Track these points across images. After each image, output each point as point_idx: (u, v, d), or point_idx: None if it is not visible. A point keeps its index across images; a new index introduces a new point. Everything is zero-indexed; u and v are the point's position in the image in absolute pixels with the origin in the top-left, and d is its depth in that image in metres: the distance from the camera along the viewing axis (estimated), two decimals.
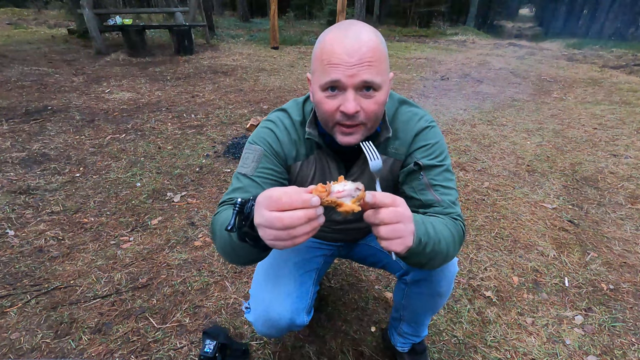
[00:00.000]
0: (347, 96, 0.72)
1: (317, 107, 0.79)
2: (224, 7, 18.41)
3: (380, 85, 0.73)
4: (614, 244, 2.00)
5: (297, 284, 1.00)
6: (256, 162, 0.87)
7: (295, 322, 0.96)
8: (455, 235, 0.79)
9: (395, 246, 0.60)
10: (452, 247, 0.78)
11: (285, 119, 0.92)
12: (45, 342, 1.34)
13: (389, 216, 0.58)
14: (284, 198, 0.53)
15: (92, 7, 6.23)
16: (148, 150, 2.93)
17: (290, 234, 0.53)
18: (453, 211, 0.84)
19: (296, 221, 0.52)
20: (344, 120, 0.75)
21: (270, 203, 0.54)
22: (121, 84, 4.80)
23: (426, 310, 1.10)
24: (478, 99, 4.85)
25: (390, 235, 0.59)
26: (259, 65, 6.40)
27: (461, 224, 0.84)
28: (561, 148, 3.29)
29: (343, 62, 0.70)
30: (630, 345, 1.40)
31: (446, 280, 0.98)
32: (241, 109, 4.07)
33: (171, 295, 1.57)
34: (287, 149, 0.91)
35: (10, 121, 3.32)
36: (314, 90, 0.79)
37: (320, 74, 0.74)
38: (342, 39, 0.71)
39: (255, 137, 0.91)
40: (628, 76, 6.61)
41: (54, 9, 13.38)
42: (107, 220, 2.06)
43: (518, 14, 33.78)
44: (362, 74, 0.70)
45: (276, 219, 0.53)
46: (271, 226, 0.54)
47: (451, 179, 0.88)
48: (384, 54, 0.74)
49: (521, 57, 8.56)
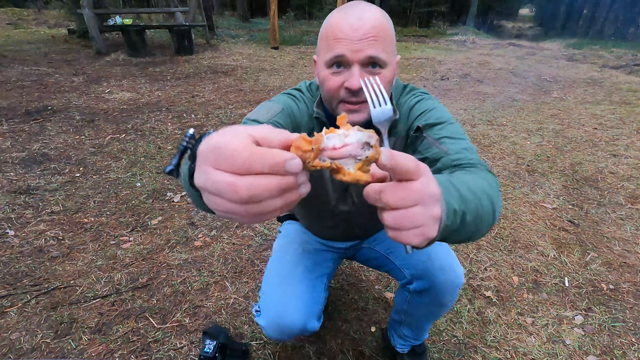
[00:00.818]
0: (352, 71, 0.71)
1: (321, 85, 0.78)
2: (224, 7, 18.41)
3: (386, 62, 0.72)
4: (614, 244, 2.00)
5: (309, 289, 0.98)
6: (271, 114, 0.79)
7: (307, 328, 0.95)
8: (491, 184, 0.60)
9: (408, 238, 0.40)
10: (495, 199, 0.57)
11: (305, 93, 0.91)
12: (45, 342, 1.34)
13: (396, 198, 0.38)
14: (244, 154, 0.31)
15: (92, 7, 6.23)
16: (148, 150, 2.93)
17: (250, 210, 0.32)
18: (469, 158, 0.67)
19: (261, 192, 0.32)
20: (348, 97, 0.73)
21: (220, 158, 0.32)
22: (121, 84, 4.80)
23: (427, 317, 1.10)
24: (478, 99, 4.85)
25: (399, 225, 0.39)
26: (259, 65, 6.40)
27: (488, 171, 0.66)
28: (561, 148, 3.29)
29: (348, 36, 0.69)
30: (630, 345, 1.40)
31: (450, 292, 0.96)
32: (241, 109, 4.07)
33: (171, 295, 1.57)
34: (304, 121, 0.87)
35: (10, 121, 3.32)
36: (319, 70, 0.78)
37: (325, 50, 0.73)
38: (348, 16, 0.71)
39: (275, 99, 0.87)
40: (628, 76, 6.60)
41: (54, 9, 13.37)
42: (107, 220, 2.06)
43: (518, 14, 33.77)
44: (367, 48, 0.69)
45: (228, 186, 0.32)
46: (219, 194, 0.33)
47: (459, 130, 0.76)
48: (389, 32, 0.73)
49: (521, 57, 8.56)
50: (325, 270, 1.09)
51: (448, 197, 0.46)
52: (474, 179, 0.57)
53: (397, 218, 0.39)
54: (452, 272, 0.94)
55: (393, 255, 1.09)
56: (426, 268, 0.96)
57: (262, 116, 0.78)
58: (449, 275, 0.94)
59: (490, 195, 0.56)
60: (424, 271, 0.96)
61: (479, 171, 0.64)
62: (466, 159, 0.67)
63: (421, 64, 7.16)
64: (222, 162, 0.32)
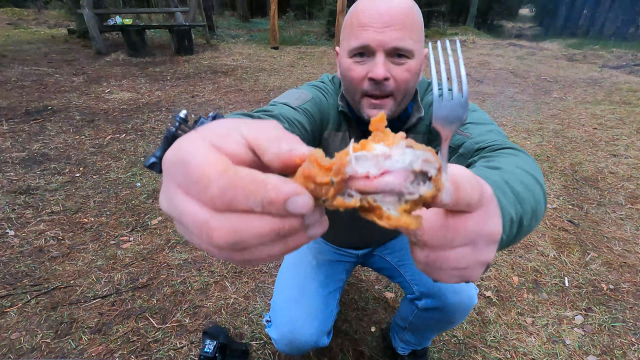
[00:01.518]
0: (376, 60, 0.66)
1: (343, 76, 0.72)
2: (224, 7, 18.41)
3: (413, 52, 0.66)
4: (614, 244, 2.00)
5: (322, 306, 0.96)
6: (302, 100, 0.75)
7: (318, 345, 0.94)
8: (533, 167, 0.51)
9: (441, 277, 0.30)
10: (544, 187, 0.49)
11: (329, 85, 0.85)
12: (45, 342, 1.34)
13: (438, 237, 0.27)
14: (220, 182, 0.20)
15: (92, 7, 6.23)
16: (148, 151, 2.93)
17: (234, 257, 0.22)
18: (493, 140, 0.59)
19: (248, 239, 0.21)
20: (372, 89, 0.68)
21: (188, 181, 0.21)
22: (121, 84, 4.80)
23: (434, 330, 1.09)
24: (478, 99, 4.85)
25: (434, 265, 0.29)
26: (259, 65, 6.40)
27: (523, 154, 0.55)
28: (561, 148, 3.29)
29: (373, 22, 0.64)
30: (630, 345, 1.40)
31: (461, 312, 0.92)
32: (241, 109, 4.07)
33: (171, 295, 1.57)
34: (332, 115, 0.82)
35: (10, 121, 3.32)
36: (341, 59, 0.73)
37: (348, 38, 0.68)
38: (375, 1, 0.66)
39: (304, 87, 0.82)
40: (628, 76, 6.60)
41: (54, 9, 13.37)
42: (107, 220, 2.06)
43: (518, 14, 33.77)
44: (393, 36, 0.64)
45: (199, 226, 0.21)
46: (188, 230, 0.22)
47: (484, 116, 0.70)
48: (418, 20, 0.68)
49: (521, 57, 8.56)
50: (338, 285, 1.06)
51: (505, 202, 0.38)
52: (515, 169, 0.48)
53: (435, 260, 0.28)
54: (465, 294, 0.90)
55: (403, 269, 1.05)
56: (438, 288, 0.92)
57: (292, 101, 0.71)
58: (462, 297, 0.90)
59: (541, 183, 0.48)
60: (435, 291, 0.92)
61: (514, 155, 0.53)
62: (491, 141, 0.59)
63: None
64: (191, 187, 0.21)
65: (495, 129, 0.65)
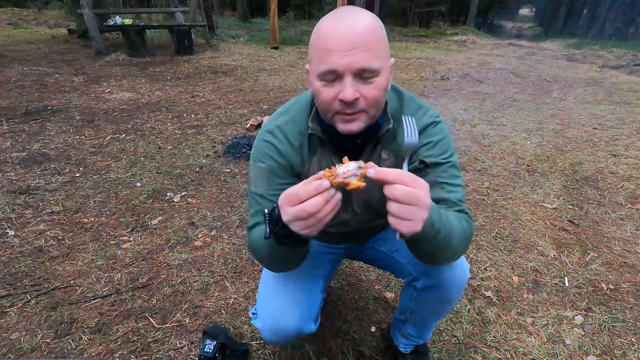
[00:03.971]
0: (345, 83, 0.69)
1: (315, 97, 0.76)
2: (224, 7, 18.41)
3: (380, 70, 0.70)
4: (614, 244, 2.00)
5: (305, 293, 0.98)
6: (266, 180, 0.86)
7: (304, 331, 0.96)
8: (466, 231, 0.79)
9: (401, 227, 0.60)
10: (462, 244, 0.78)
11: (285, 126, 0.88)
12: (45, 342, 1.34)
13: (403, 195, 0.58)
14: (300, 192, 0.60)
15: (92, 7, 6.23)
16: (148, 150, 2.93)
17: (317, 217, 0.60)
18: (460, 209, 0.83)
19: (317, 206, 0.59)
20: (343, 109, 0.72)
21: (291, 200, 0.61)
22: (121, 84, 4.80)
23: (434, 315, 1.10)
24: (478, 99, 4.85)
25: (399, 214, 0.59)
26: (259, 65, 6.40)
27: (470, 221, 0.83)
28: (561, 148, 3.29)
29: (339, 47, 0.67)
30: (630, 345, 1.40)
31: (457, 287, 0.96)
32: (241, 108, 4.07)
33: (171, 295, 1.57)
34: (292, 159, 0.88)
35: (10, 121, 3.32)
36: (311, 80, 0.75)
37: (316, 62, 0.71)
38: (338, 24, 0.68)
39: (258, 154, 0.88)
40: (628, 76, 6.61)
41: (54, 9, 13.38)
42: (107, 220, 2.06)
43: (518, 14, 33.76)
44: (359, 58, 0.67)
45: (300, 210, 0.59)
46: (298, 218, 0.60)
47: (458, 175, 0.87)
48: (382, 38, 0.71)
49: (521, 57, 8.56)
50: (322, 272, 1.09)
51: (434, 213, 0.65)
52: (456, 220, 0.76)
53: (399, 209, 0.59)
54: (459, 269, 0.95)
55: (398, 254, 1.09)
56: (432, 266, 0.96)
57: (262, 189, 0.86)
58: (456, 271, 0.94)
59: (459, 239, 0.75)
60: (430, 268, 0.96)
61: (464, 223, 0.80)
62: (462, 211, 0.83)
63: (421, 64, 7.16)
64: (292, 200, 0.61)
65: (462, 196, 0.85)
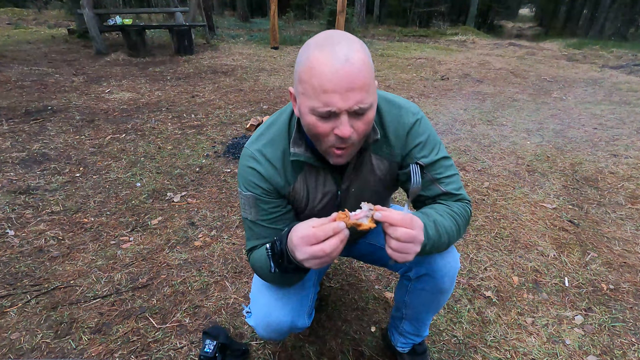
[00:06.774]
0: (341, 120, 0.70)
1: (308, 130, 0.75)
2: (224, 7, 18.42)
3: (372, 104, 0.72)
4: (614, 244, 2.00)
5: (297, 287, 0.99)
6: (254, 208, 0.89)
7: (297, 325, 0.97)
8: (460, 221, 0.88)
9: (397, 258, 0.71)
10: (454, 236, 0.87)
11: (266, 149, 0.87)
12: (45, 342, 1.34)
13: (403, 236, 0.69)
14: (319, 233, 0.66)
15: (92, 7, 6.23)
16: (148, 150, 2.93)
17: (331, 255, 0.67)
18: (460, 197, 0.92)
19: (334, 246, 0.66)
20: (338, 143, 0.73)
21: (309, 240, 0.67)
22: (121, 84, 4.80)
23: (428, 308, 1.10)
24: (478, 99, 4.85)
25: (398, 249, 0.70)
26: (259, 65, 6.40)
27: (468, 206, 0.92)
28: (561, 148, 3.29)
29: (336, 89, 0.66)
30: (630, 345, 1.40)
31: (449, 276, 0.98)
32: (241, 109, 4.07)
33: (171, 295, 1.57)
34: (276, 181, 0.88)
35: (10, 121, 3.32)
36: (302, 111, 0.74)
37: (311, 98, 0.70)
38: (332, 60, 0.66)
39: (243, 181, 0.89)
40: (628, 76, 6.61)
41: (54, 9, 13.37)
42: (107, 220, 2.06)
43: (518, 14, 33.76)
44: (356, 99, 0.68)
45: (319, 251, 0.66)
46: (316, 257, 0.67)
47: (450, 164, 0.93)
48: (372, 70, 0.72)
49: (521, 57, 8.56)
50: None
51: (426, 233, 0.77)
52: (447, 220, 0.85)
53: (399, 246, 0.70)
54: (450, 257, 0.97)
55: None
56: (425, 256, 0.97)
57: (252, 215, 0.91)
58: (447, 259, 0.97)
59: (451, 236, 0.86)
60: (422, 258, 0.98)
61: (461, 210, 0.90)
62: (462, 198, 0.93)
63: (421, 64, 7.16)
64: (311, 240, 0.67)
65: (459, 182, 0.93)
